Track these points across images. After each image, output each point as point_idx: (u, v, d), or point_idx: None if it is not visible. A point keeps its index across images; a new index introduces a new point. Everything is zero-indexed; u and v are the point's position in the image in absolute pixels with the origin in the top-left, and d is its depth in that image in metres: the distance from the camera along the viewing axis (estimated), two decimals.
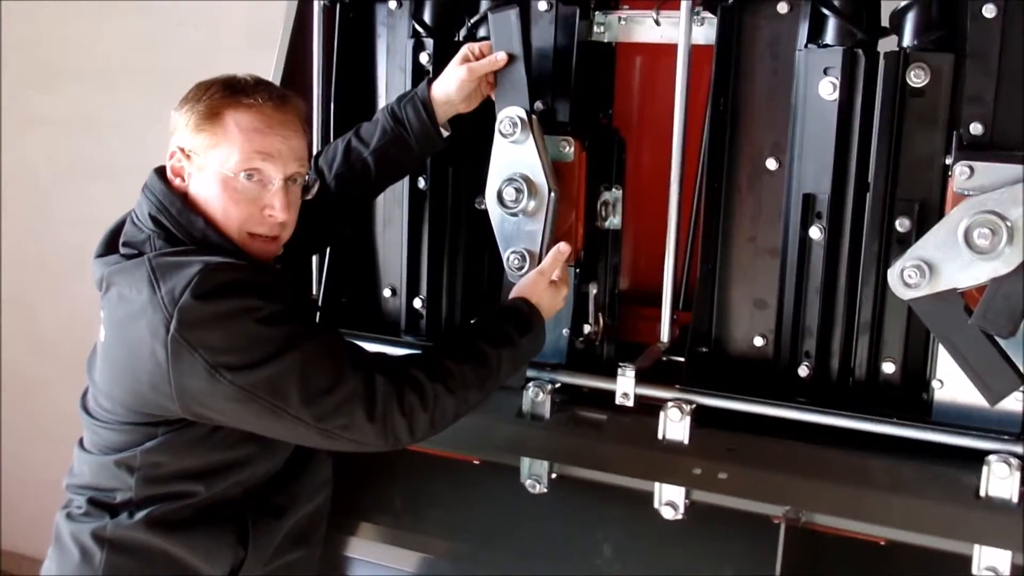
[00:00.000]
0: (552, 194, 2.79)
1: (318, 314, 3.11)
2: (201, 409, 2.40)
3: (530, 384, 2.95)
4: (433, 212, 3.16)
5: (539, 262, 2.81)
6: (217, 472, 2.56)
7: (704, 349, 2.94)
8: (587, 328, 3.01)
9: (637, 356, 2.94)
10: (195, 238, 2.48)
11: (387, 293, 3.26)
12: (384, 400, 2.41)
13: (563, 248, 2.77)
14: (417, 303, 3.21)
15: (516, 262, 2.82)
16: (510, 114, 2.79)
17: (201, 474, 2.55)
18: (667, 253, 2.89)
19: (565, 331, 3.00)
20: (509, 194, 2.80)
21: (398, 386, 2.43)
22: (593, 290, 3.00)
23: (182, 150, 2.49)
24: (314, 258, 3.29)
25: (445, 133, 2.91)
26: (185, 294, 2.33)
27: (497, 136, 2.82)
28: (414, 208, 3.16)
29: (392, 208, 3.23)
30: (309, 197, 2.65)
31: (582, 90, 2.97)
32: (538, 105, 2.94)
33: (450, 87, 2.85)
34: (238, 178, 2.47)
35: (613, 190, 3.01)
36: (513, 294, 2.74)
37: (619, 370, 2.86)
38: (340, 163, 2.94)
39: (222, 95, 2.49)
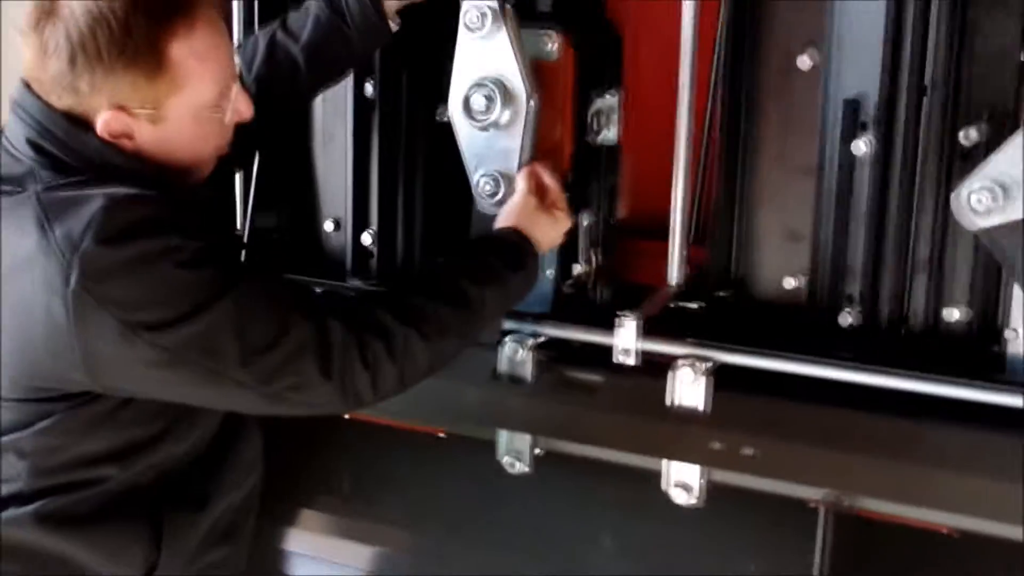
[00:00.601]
0: (531, 102, 2.64)
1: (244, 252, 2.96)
2: (114, 379, 2.27)
3: (507, 339, 2.81)
4: (384, 125, 3.03)
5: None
6: (125, 455, 2.43)
7: (723, 293, 2.81)
8: (577, 268, 2.89)
9: (640, 302, 2.77)
10: (92, 163, 2.31)
11: (329, 226, 3.14)
12: (341, 351, 2.30)
13: (530, 169, 2.67)
14: (366, 238, 3.09)
15: (488, 187, 2.69)
16: (476, 2, 2.65)
17: (106, 459, 2.42)
18: (676, 173, 2.73)
19: (550, 272, 2.86)
20: (478, 103, 2.65)
21: (358, 333, 2.33)
22: (584, 220, 2.87)
23: (123, 109, 2.31)
24: (236, 185, 3.16)
25: (394, 26, 2.79)
26: (86, 237, 2.18)
27: (462, 30, 2.66)
28: (360, 120, 3.04)
29: (333, 121, 3.11)
30: None
31: None
32: None
33: None
34: (213, 111, 2.36)
35: (608, 96, 2.89)
36: (499, 222, 2.62)
37: (617, 320, 2.69)
38: (262, 62, 2.82)
39: (151, 24, 2.29)
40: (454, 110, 2.71)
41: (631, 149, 3.02)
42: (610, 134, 2.91)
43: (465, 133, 2.72)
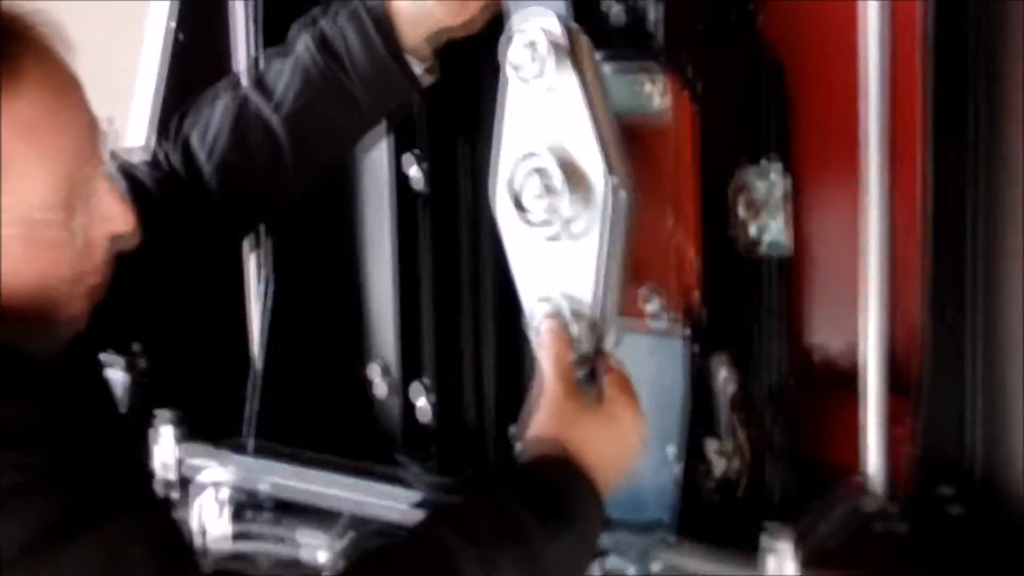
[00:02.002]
0: (619, 190, 1.72)
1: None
2: None
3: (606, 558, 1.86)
4: (437, 225, 2.15)
5: (599, 329, 1.76)
6: None
7: (947, 491, 1.84)
8: (714, 448, 1.91)
9: (815, 499, 1.85)
10: None
11: (375, 374, 2.28)
12: None
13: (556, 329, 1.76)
14: (418, 396, 2.20)
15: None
16: (528, 29, 1.75)
17: None
18: (866, 289, 1.86)
19: (671, 449, 1.90)
20: (530, 191, 1.75)
21: None
22: (722, 375, 1.89)
23: None
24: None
25: (421, 70, 1.94)
26: None
27: (506, 74, 1.78)
28: (403, 218, 2.17)
29: (376, 216, 2.26)
30: None
31: None
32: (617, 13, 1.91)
33: None
34: (52, 217, 1.57)
35: (766, 164, 1.92)
36: (528, 429, 1.76)
37: (763, 541, 1.72)
38: (227, 140, 1.98)
39: None
40: (498, 203, 1.80)
41: (808, 251, 2.02)
42: (771, 232, 1.94)
43: (515, 239, 1.80)
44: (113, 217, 1.64)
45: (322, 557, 2.05)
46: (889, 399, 1.88)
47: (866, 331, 1.85)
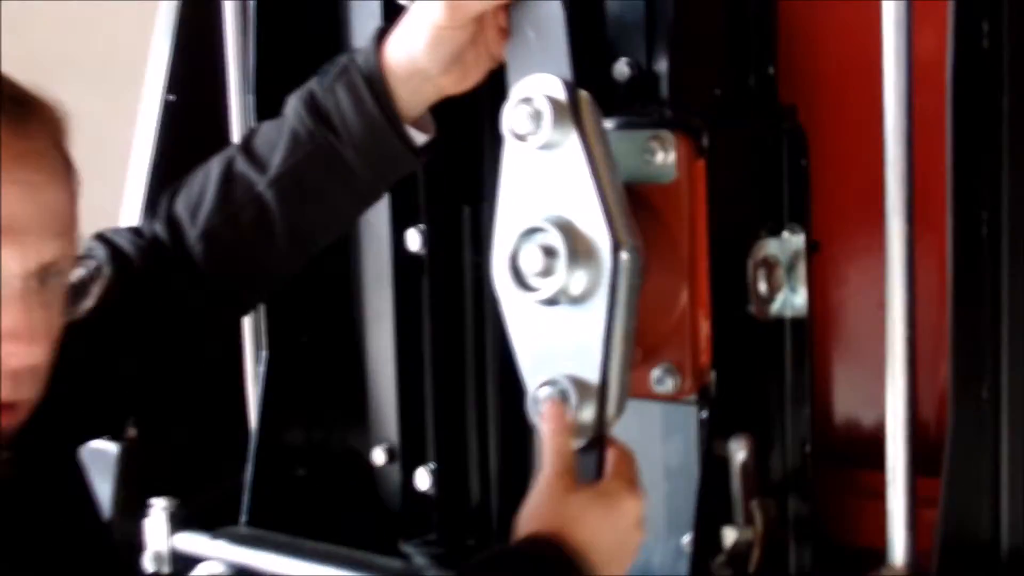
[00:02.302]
0: (623, 255, 1.56)
1: None
2: None
3: None
4: (438, 297, 1.99)
5: (605, 408, 1.59)
6: None
7: None
8: (730, 534, 1.75)
9: None
10: None
11: (379, 457, 2.09)
12: None
13: (557, 417, 1.59)
14: (422, 478, 2.03)
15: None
16: (530, 93, 1.60)
17: None
18: (892, 363, 1.68)
19: (686, 540, 1.74)
20: (530, 260, 1.58)
21: None
22: (739, 455, 1.73)
23: None
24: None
25: (421, 138, 1.75)
26: None
27: (507, 140, 1.62)
28: (403, 290, 2.01)
29: (376, 288, 2.08)
30: (85, 306, 1.48)
31: (700, 28, 1.78)
32: (620, 69, 1.77)
33: (415, 45, 1.68)
34: None
35: (787, 235, 1.78)
36: (521, 522, 1.59)
37: None
38: (211, 208, 1.79)
39: None
40: (496, 276, 1.64)
41: (831, 323, 1.89)
42: (793, 300, 1.78)
43: (515, 312, 1.63)
44: (19, 337, 1.39)
45: None
46: (919, 480, 1.69)
47: (893, 406, 1.66)
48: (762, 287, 1.76)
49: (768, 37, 1.83)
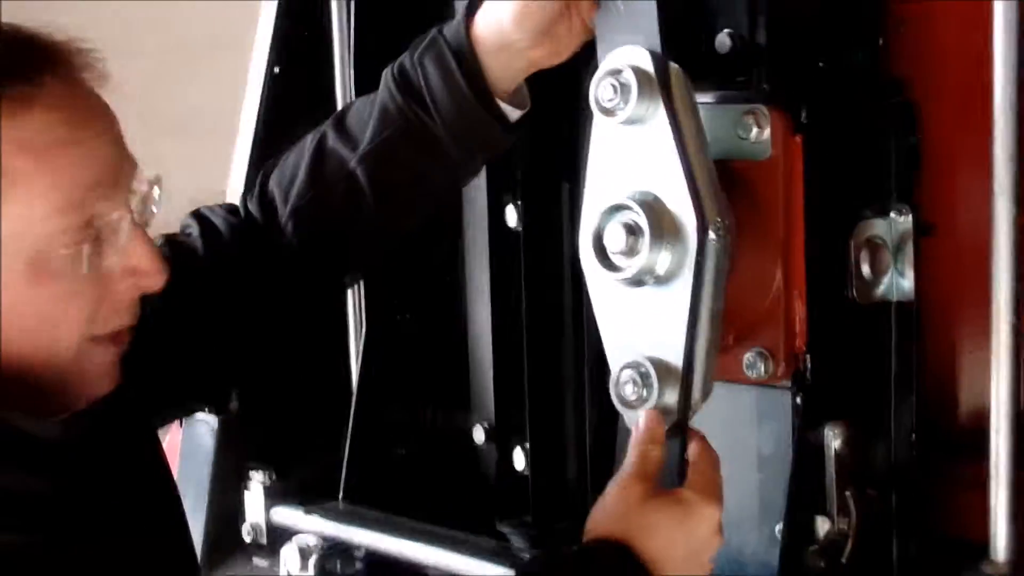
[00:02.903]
0: (712, 235, 1.49)
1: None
2: None
3: None
4: (533, 275, 1.94)
5: (687, 387, 1.54)
6: None
7: None
8: (823, 524, 1.66)
9: None
10: None
11: (479, 435, 2.05)
12: None
13: (652, 426, 1.52)
14: (519, 458, 1.99)
15: (630, 389, 1.53)
16: (617, 65, 1.53)
17: None
18: (996, 351, 1.59)
19: (778, 528, 1.67)
20: (614, 238, 1.52)
21: None
22: (835, 443, 1.65)
23: None
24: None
25: (515, 113, 1.69)
26: None
27: (594, 114, 1.56)
28: (500, 267, 1.96)
29: (476, 267, 2.03)
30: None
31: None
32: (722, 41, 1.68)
33: (503, 17, 1.63)
34: (60, 249, 1.38)
35: (894, 217, 1.67)
36: (589, 523, 1.53)
37: None
38: (303, 185, 1.77)
39: None
40: (583, 251, 1.58)
41: (936, 307, 1.75)
42: (901, 283, 1.67)
43: (601, 292, 1.58)
44: (140, 269, 1.44)
45: None
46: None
47: (996, 396, 1.57)
48: (865, 269, 1.66)
49: (877, 7, 1.72)
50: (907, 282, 1.70)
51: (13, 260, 1.36)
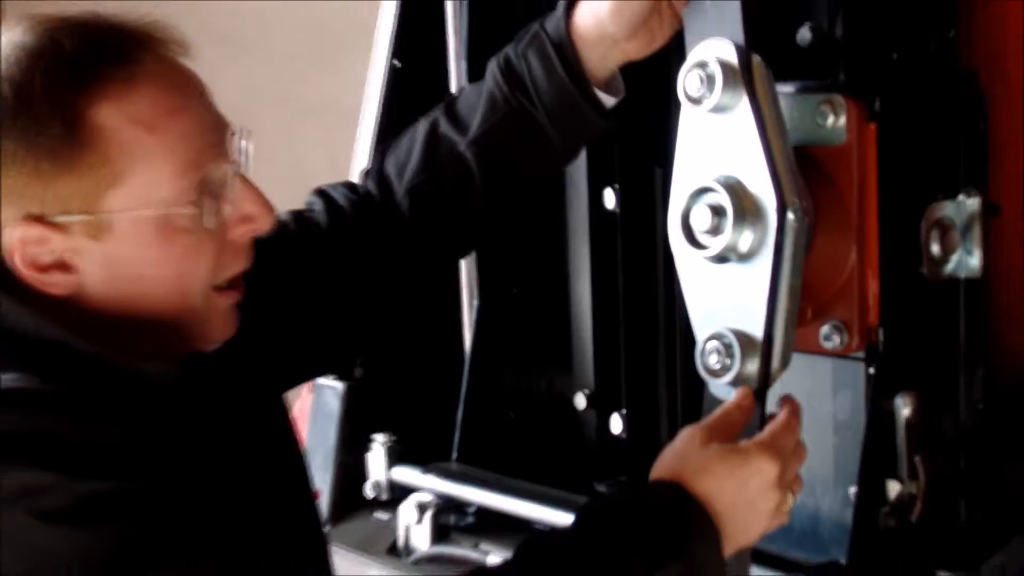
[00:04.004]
0: (790, 215, 1.49)
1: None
2: None
3: None
4: (630, 254, 1.96)
5: (767, 357, 1.54)
6: None
7: None
8: (894, 487, 1.64)
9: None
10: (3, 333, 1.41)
11: (580, 402, 2.05)
12: None
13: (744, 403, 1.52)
14: (616, 423, 2.01)
15: (715, 359, 1.53)
16: (704, 57, 1.54)
17: None
18: None
19: (852, 490, 1.67)
20: (700, 218, 1.54)
21: None
22: (905, 411, 1.63)
23: (38, 220, 1.40)
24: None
25: (610, 100, 1.71)
26: None
27: (683, 104, 1.56)
28: (599, 247, 1.98)
29: (577, 246, 2.05)
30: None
31: None
32: (803, 35, 1.68)
33: (601, 11, 1.64)
34: (184, 208, 1.42)
35: (963, 199, 1.66)
36: (658, 467, 1.51)
37: None
38: (417, 166, 1.79)
39: (61, 78, 1.39)
40: (671, 230, 1.59)
41: (1003, 281, 1.73)
42: (970, 261, 1.66)
43: (688, 268, 1.58)
44: (252, 215, 1.48)
45: None
46: None
47: None
48: (935, 248, 1.65)
49: (948, 3, 1.69)
50: (975, 260, 1.69)
51: (145, 225, 1.41)
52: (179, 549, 1.32)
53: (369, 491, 2.12)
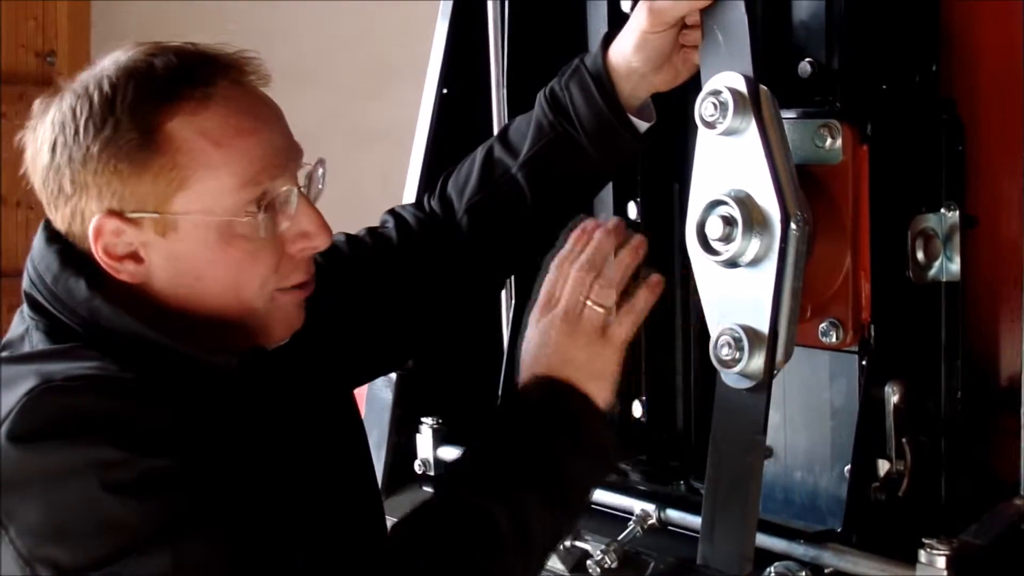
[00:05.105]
0: (793, 225, 1.60)
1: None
2: None
3: (772, 568, 1.67)
4: (652, 259, 1.83)
5: (772, 350, 1.63)
6: None
7: None
8: (884, 465, 1.73)
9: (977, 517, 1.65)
10: (84, 320, 1.51)
11: None
12: None
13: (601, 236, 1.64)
14: (636, 409, 2.07)
15: (726, 351, 1.63)
16: (717, 86, 1.65)
17: None
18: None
19: (846, 469, 1.76)
20: (714, 228, 1.65)
21: None
22: (893, 396, 1.72)
23: (116, 214, 1.51)
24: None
25: (643, 125, 1.82)
26: (1, 429, 1.40)
27: (700, 127, 1.67)
28: None
29: None
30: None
31: (870, 32, 1.77)
32: (803, 67, 1.77)
33: (627, 48, 1.77)
34: (242, 218, 1.53)
35: (944, 212, 1.76)
36: (524, 369, 1.64)
37: (923, 551, 1.56)
38: (475, 187, 1.90)
39: (142, 92, 1.51)
40: (689, 239, 1.70)
41: (978, 284, 1.82)
42: (949, 267, 1.76)
43: (703, 271, 1.69)
44: (309, 232, 1.58)
45: None
46: None
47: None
48: (920, 255, 1.75)
49: (931, 38, 1.80)
50: (954, 266, 1.79)
51: (207, 229, 1.53)
52: (224, 517, 1.40)
53: (418, 467, 2.19)
